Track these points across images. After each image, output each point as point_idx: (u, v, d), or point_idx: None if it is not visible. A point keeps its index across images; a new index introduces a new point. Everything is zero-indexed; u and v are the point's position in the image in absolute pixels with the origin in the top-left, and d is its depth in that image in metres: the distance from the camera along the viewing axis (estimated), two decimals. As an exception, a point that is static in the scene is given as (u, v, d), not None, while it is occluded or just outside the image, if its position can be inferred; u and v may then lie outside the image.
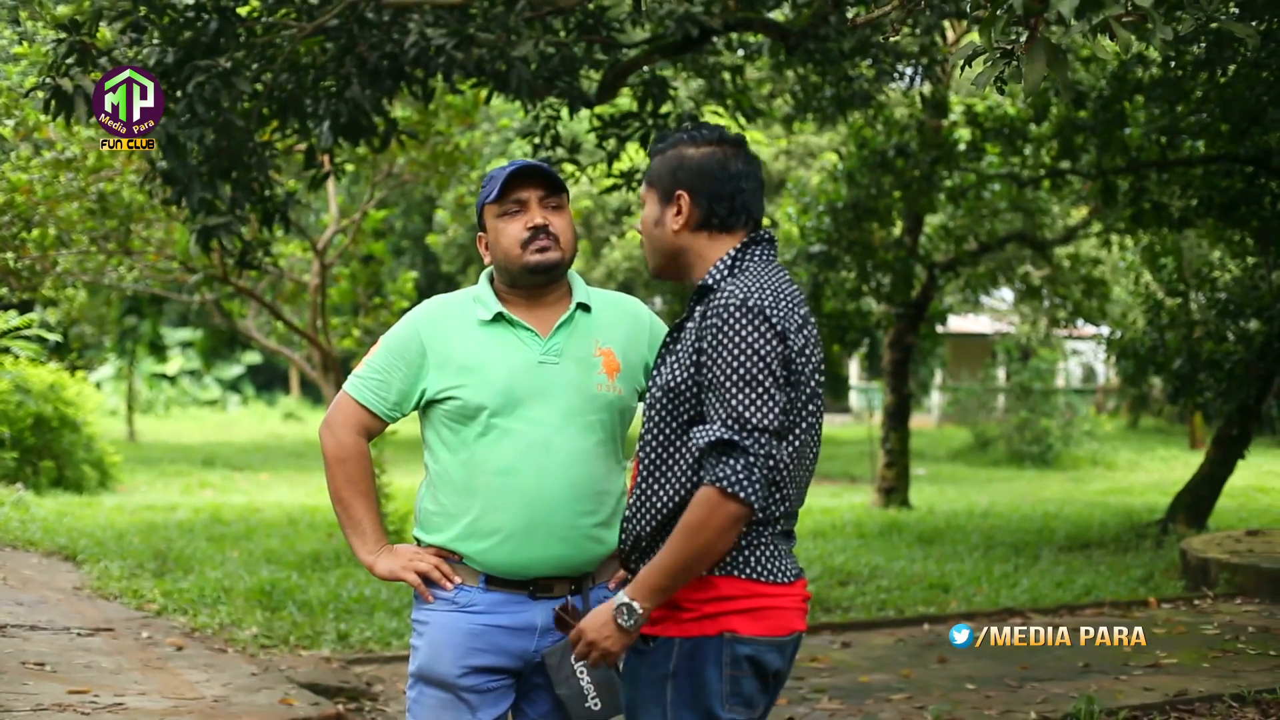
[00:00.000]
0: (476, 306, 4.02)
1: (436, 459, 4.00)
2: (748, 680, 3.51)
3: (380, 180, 15.83)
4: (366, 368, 4.04)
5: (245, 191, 9.41)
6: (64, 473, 19.56)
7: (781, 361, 3.42)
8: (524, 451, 3.89)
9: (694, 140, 3.67)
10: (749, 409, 3.36)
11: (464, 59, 9.10)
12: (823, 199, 17.31)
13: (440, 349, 3.96)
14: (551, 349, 3.97)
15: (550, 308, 4.03)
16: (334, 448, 4.02)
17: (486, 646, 3.92)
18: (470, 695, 3.93)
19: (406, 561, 3.96)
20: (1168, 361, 16.11)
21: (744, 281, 3.49)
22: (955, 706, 7.70)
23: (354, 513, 4.02)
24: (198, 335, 42.65)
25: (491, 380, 3.91)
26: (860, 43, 11.95)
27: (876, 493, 19.69)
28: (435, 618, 3.95)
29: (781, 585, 3.54)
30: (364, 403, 4.01)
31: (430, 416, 4.01)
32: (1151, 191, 15.73)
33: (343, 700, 7.89)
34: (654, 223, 3.69)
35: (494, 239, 4.01)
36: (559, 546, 3.90)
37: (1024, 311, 32.66)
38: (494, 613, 3.92)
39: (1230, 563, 11.25)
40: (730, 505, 3.33)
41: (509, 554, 3.89)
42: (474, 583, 3.94)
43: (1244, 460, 15.49)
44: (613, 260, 27.20)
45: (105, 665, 8.13)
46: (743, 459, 3.33)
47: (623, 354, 4.05)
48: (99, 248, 14.48)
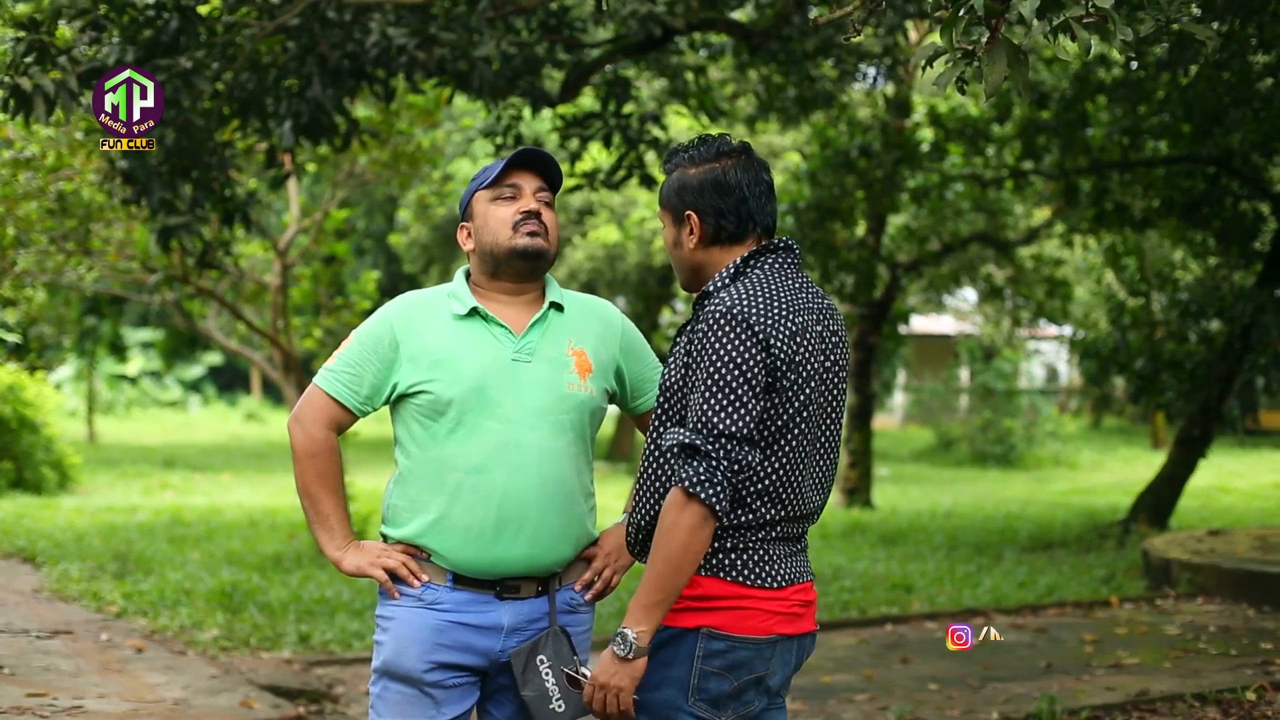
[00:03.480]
0: (451, 301, 4.00)
1: (407, 454, 3.97)
2: (717, 679, 3.53)
3: (342, 180, 15.76)
4: (339, 361, 4.00)
5: (206, 191, 9.37)
6: (23, 474, 19.45)
7: (763, 369, 3.48)
8: (495, 449, 3.88)
9: (693, 159, 3.74)
10: (717, 414, 3.43)
11: (426, 58, 9.08)
12: (785, 199, 17.31)
13: (413, 343, 3.94)
14: (524, 347, 3.95)
15: (525, 306, 4.02)
16: (304, 442, 3.98)
17: (452, 643, 3.89)
18: (435, 690, 3.90)
19: (374, 558, 3.93)
20: (1130, 361, 16.20)
21: (737, 289, 3.56)
22: (918, 707, 7.71)
23: (322, 508, 3.98)
24: (158, 336, 42.41)
25: (464, 375, 3.89)
26: (823, 43, 11.97)
27: (840, 493, 19.71)
28: (400, 613, 3.92)
29: (767, 589, 3.58)
30: (335, 396, 3.97)
31: (401, 411, 3.98)
32: (1114, 192, 15.82)
33: (304, 702, 7.85)
34: (674, 244, 3.79)
35: (483, 223, 4.00)
36: (527, 545, 3.89)
37: (987, 312, 32.82)
38: (460, 611, 3.89)
39: (1192, 563, 11.29)
40: (694, 505, 3.40)
41: (477, 552, 3.87)
42: (441, 581, 3.91)
43: (1206, 460, 15.58)
44: (575, 260, 27.16)
45: (64, 668, 8.08)
46: (705, 462, 3.41)
47: (594, 355, 4.04)
48: (58, 247, 14.38)
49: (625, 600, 10.24)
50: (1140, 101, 13.97)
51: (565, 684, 3.84)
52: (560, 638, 3.90)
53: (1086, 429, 37.52)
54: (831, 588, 11.74)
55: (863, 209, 17.90)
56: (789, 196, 17.41)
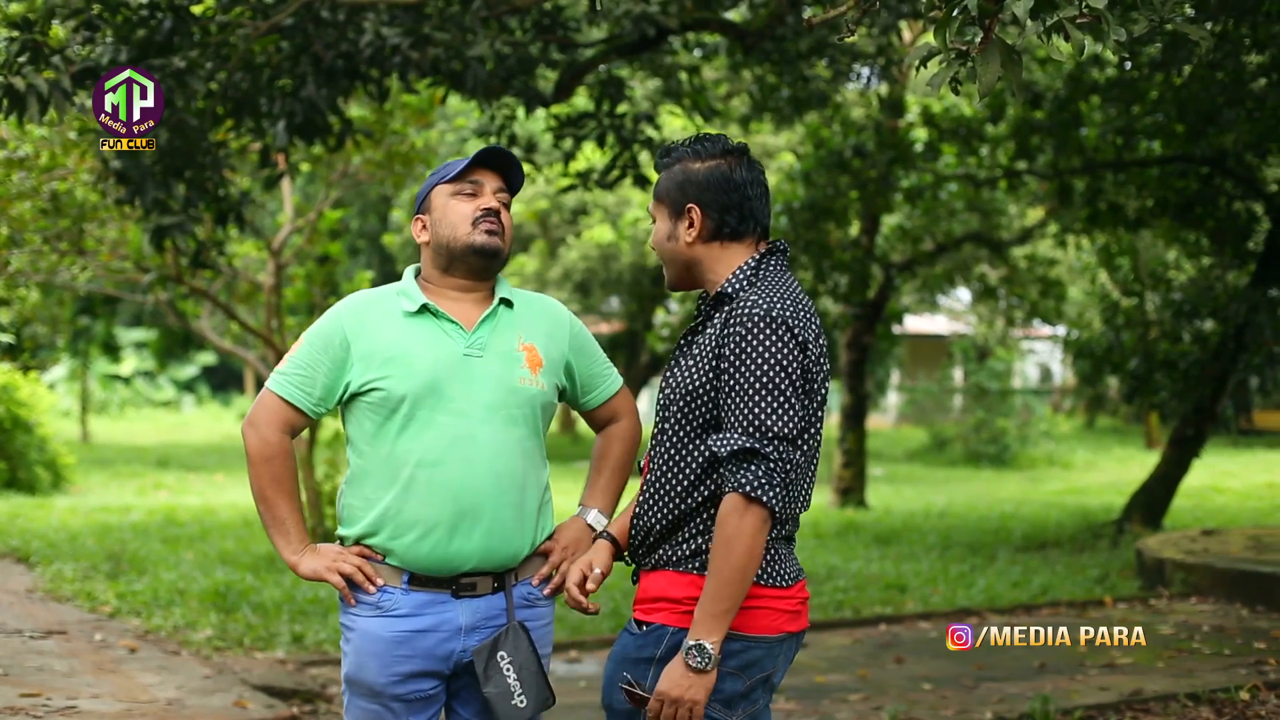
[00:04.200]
0: (401, 299, 4.01)
1: (359, 453, 3.98)
2: (732, 679, 3.54)
3: (336, 180, 15.75)
4: (290, 364, 3.99)
5: (199, 191, 9.36)
6: (16, 474, 19.44)
7: (801, 371, 3.51)
8: (448, 444, 3.89)
9: (698, 154, 3.73)
10: (770, 417, 3.45)
11: (420, 58, 9.08)
12: (780, 199, 17.31)
13: (365, 341, 3.94)
14: (476, 342, 3.96)
15: (475, 303, 4.03)
16: (259, 446, 3.97)
17: (412, 653, 3.90)
18: (395, 704, 3.93)
19: (330, 562, 3.93)
20: (1124, 361, 16.21)
21: (765, 291, 3.57)
22: (911, 706, 7.71)
23: (278, 512, 3.98)
24: (152, 336, 42.40)
25: (416, 371, 3.89)
26: (817, 43, 11.97)
27: (833, 493, 19.72)
28: (360, 624, 3.94)
29: (778, 588, 3.62)
30: (289, 399, 3.97)
31: (353, 409, 3.98)
32: (1108, 192, 15.82)
33: (297, 702, 7.85)
34: (666, 237, 3.76)
35: (441, 216, 4.00)
36: (483, 539, 3.89)
37: (981, 312, 32.81)
38: (417, 615, 3.90)
39: (1185, 562, 11.30)
40: (755, 509, 3.42)
41: (432, 548, 3.87)
42: (396, 583, 3.92)
43: (1199, 460, 15.59)
44: (570, 260, 27.12)
45: (58, 668, 8.07)
46: (764, 465, 3.43)
47: (545, 350, 4.06)
48: (52, 247, 14.36)
49: (618, 600, 10.25)
50: (1134, 102, 13.98)
51: (532, 680, 3.86)
52: (520, 633, 3.91)
53: (1080, 429, 37.53)
54: (825, 588, 11.74)
55: (857, 209, 17.91)
56: (783, 197, 17.41)
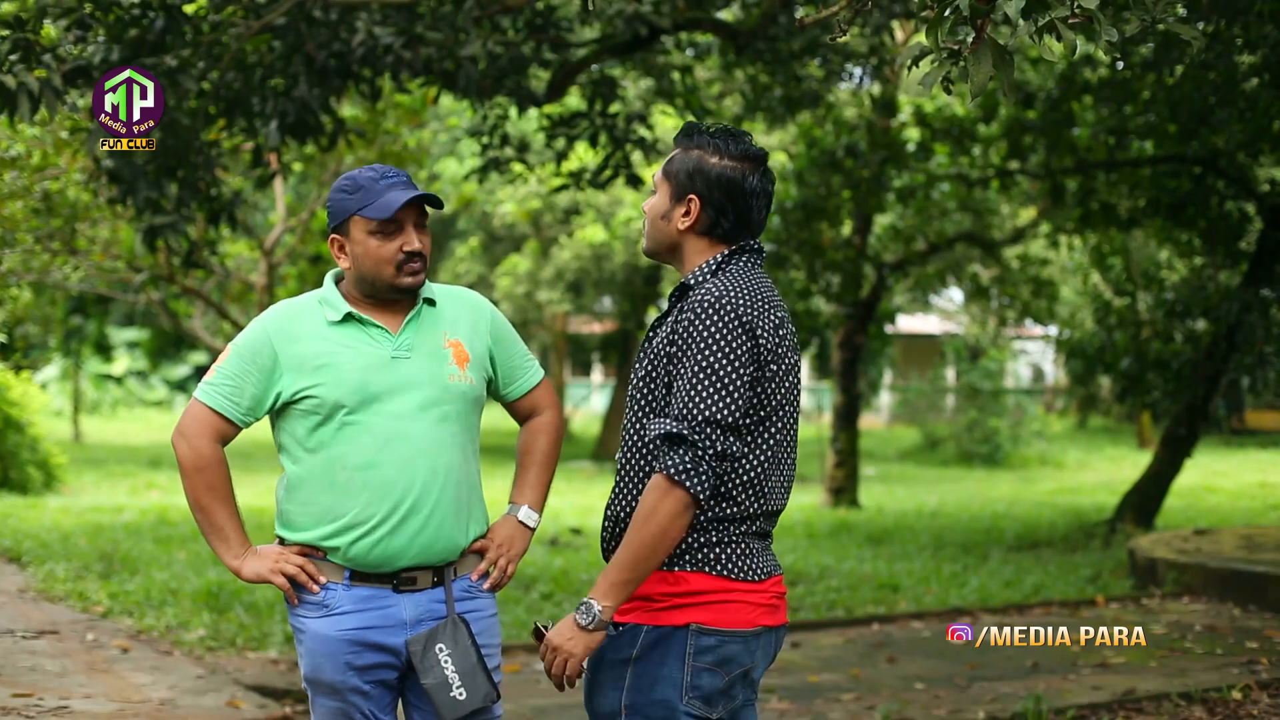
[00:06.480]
0: (325, 308, 4.03)
1: (294, 459, 4.02)
2: (710, 675, 3.55)
3: (328, 179, 15.76)
4: (218, 374, 4.02)
5: (191, 190, 9.36)
6: (8, 474, 19.40)
7: (750, 359, 3.49)
8: (382, 444, 3.93)
9: (718, 150, 3.71)
10: (704, 402, 3.43)
11: (412, 58, 9.08)
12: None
13: (292, 352, 3.97)
14: (402, 344, 4.00)
15: (399, 307, 4.06)
16: (190, 457, 4.02)
17: (363, 646, 3.95)
18: (355, 696, 3.98)
19: (272, 564, 3.97)
20: (1116, 361, 16.21)
21: (721, 281, 3.57)
22: (904, 706, 7.71)
23: (215, 519, 4.03)
24: (144, 335, 42.35)
25: (347, 378, 3.93)
26: (809, 43, 11.98)
27: (826, 493, 19.73)
28: (309, 625, 3.99)
29: (751, 582, 3.60)
30: (218, 409, 4.01)
31: (286, 417, 4.02)
32: (1100, 192, 15.83)
33: (290, 702, 7.83)
34: (661, 215, 3.75)
35: (363, 253, 3.98)
36: (421, 535, 3.94)
37: (973, 311, 32.81)
38: (360, 611, 3.95)
39: (1178, 562, 11.30)
40: (677, 492, 3.42)
41: (372, 546, 3.92)
42: (338, 579, 3.96)
43: (1192, 460, 15.60)
44: (562, 260, 27.10)
45: (50, 668, 8.06)
46: (691, 451, 3.42)
47: (469, 344, 4.10)
48: (44, 247, 14.37)
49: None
50: (1126, 101, 14.00)
51: (471, 672, 3.90)
52: (459, 625, 3.95)
53: (1072, 428, 37.56)
54: (818, 587, 11.74)
55: (849, 209, 17.90)
56: (776, 196, 17.38)
